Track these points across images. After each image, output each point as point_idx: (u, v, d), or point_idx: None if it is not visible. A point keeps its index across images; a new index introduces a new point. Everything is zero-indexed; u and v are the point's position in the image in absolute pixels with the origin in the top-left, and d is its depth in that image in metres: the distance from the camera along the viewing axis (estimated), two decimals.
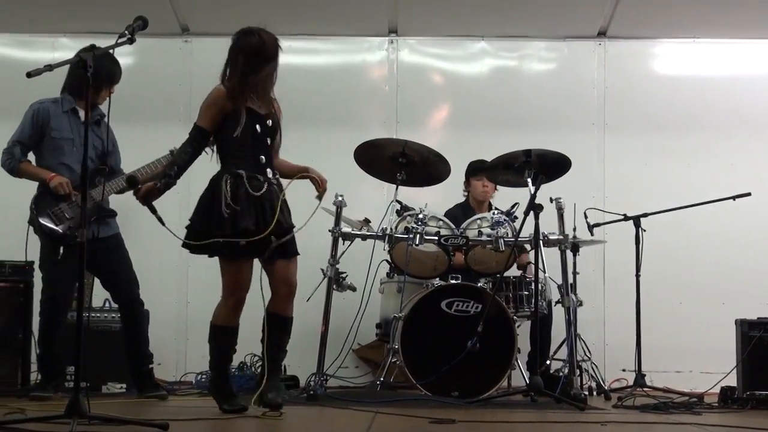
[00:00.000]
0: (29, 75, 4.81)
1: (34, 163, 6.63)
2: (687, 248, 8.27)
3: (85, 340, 4.72)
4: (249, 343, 7.45)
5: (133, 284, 6.72)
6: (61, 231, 6.38)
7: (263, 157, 5.43)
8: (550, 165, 6.71)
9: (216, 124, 5.40)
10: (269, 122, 5.51)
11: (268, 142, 5.50)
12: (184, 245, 5.38)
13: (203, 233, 5.28)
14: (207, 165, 5.57)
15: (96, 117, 6.58)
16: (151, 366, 6.81)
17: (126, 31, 5.05)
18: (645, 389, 7.19)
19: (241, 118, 5.35)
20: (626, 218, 7.56)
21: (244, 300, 5.47)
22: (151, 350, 6.97)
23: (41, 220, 6.44)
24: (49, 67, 4.83)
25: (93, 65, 4.82)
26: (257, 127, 5.43)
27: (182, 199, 6.66)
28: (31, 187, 7.71)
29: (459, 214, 7.51)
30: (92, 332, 6.92)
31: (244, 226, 5.24)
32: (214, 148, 5.55)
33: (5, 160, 6.59)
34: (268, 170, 5.44)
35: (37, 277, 6.87)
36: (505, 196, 7.62)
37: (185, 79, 8.34)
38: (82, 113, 6.60)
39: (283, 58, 8.38)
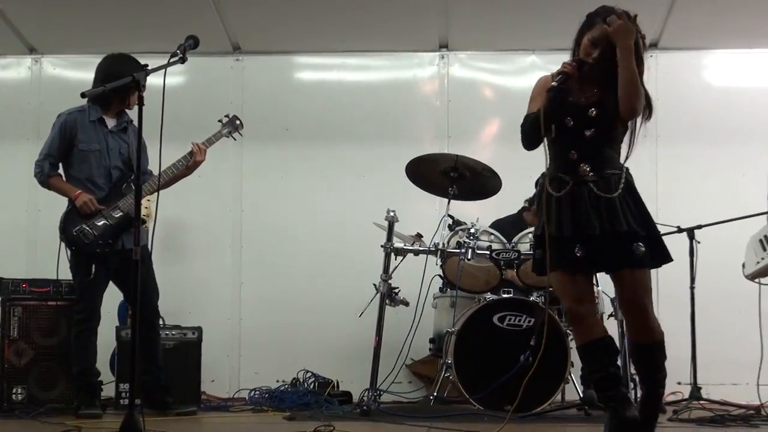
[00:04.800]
0: (83, 95, 4.91)
1: (65, 173, 6.60)
2: (742, 259, 8.15)
3: (139, 358, 4.78)
4: (302, 360, 7.56)
5: (154, 295, 6.61)
6: (87, 249, 6.40)
7: (574, 152, 4.79)
8: None
9: None
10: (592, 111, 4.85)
11: (587, 134, 4.80)
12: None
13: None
14: None
15: (123, 124, 6.61)
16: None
17: (178, 51, 5.13)
18: (701, 402, 7.09)
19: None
20: (680, 230, 7.43)
21: (579, 311, 4.72)
22: (203, 366, 6.99)
23: (68, 239, 6.44)
24: (103, 88, 4.92)
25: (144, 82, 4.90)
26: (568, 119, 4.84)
27: None
28: None
29: (508, 226, 7.45)
30: None
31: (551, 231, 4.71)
32: None
33: (36, 173, 6.56)
34: (583, 166, 4.75)
35: None
36: None
37: (237, 97, 8.40)
38: (108, 121, 6.58)
39: (335, 75, 8.58)
